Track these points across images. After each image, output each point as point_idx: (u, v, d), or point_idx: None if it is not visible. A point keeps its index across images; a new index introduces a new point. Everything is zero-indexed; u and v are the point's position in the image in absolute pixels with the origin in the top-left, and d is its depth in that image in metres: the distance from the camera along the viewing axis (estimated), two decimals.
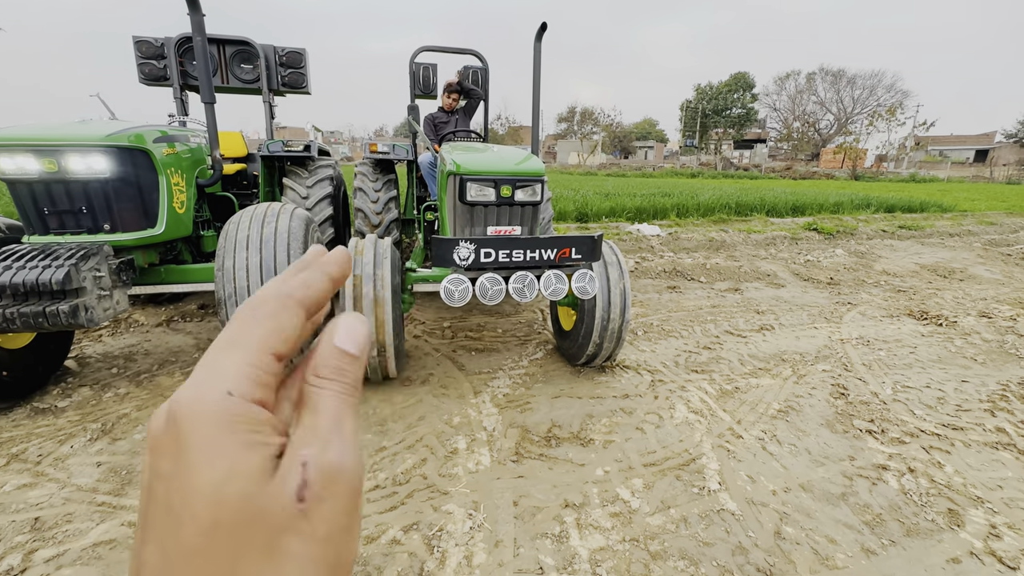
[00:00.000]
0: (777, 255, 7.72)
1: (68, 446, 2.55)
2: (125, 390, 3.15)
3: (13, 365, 2.80)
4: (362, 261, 2.87)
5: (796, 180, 34.04)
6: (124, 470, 2.37)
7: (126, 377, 3.34)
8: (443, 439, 2.65)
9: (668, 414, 2.99)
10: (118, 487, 2.24)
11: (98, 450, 2.53)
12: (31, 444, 2.56)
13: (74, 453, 2.49)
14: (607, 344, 3.30)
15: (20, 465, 2.40)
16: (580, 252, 2.62)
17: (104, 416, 2.84)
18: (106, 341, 3.99)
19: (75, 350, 3.78)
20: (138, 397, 3.07)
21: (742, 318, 4.95)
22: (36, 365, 2.98)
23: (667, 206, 10.02)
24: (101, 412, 2.89)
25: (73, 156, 2.39)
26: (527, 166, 2.92)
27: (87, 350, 3.80)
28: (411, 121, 4.00)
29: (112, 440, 2.61)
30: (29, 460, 2.43)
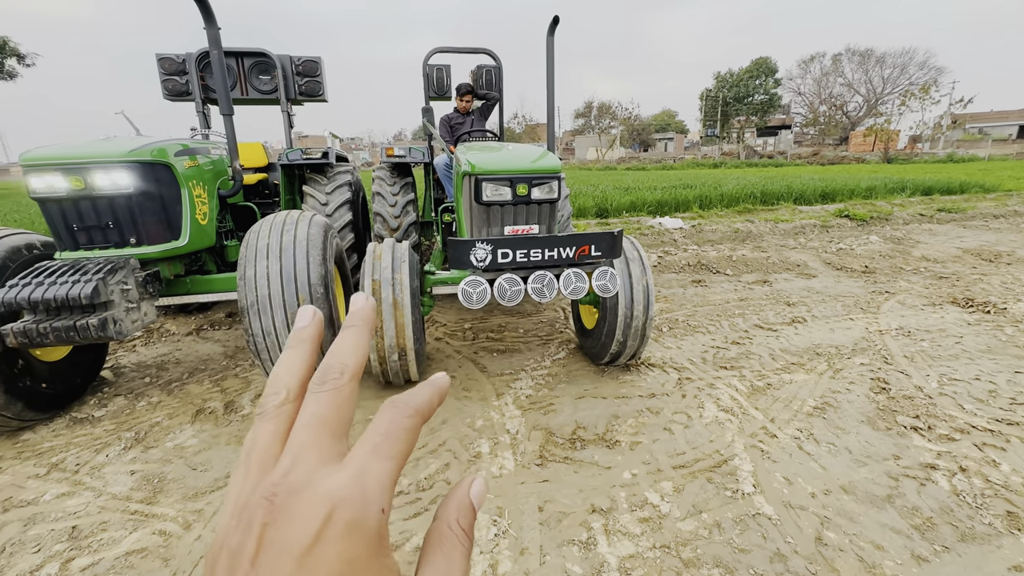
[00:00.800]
0: (807, 244, 7.45)
1: (104, 455, 2.62)
2: (157, 399, 3.23)
3: (52, 377, 2.90)
4: (380, 266, 2.87)
5: (824, 166, 32.89)
6: (156, 478, 2.42)
7: (158, 386, 3.42)
8: (466, 443, 2.62)
9: (697, 413, 2.89)
10: (150, 495, 2.29)
11: (132, 458, 2.59)
12: (69, 453, 2.64)
13: (109, 462, 2.56)
14: (631, 342, 3.22)
15: (59, 474, 2.47)
16: (600, 249, 2.55)
17: (137, 425, 2.92)
18: (139, 351, 4.11)
19: (111, 360, 3.91)
20: (169, 405, 3.14)
21: (772, 311, 4.78)
22: (74, 377, 3.08)
23: (689, 198, 9.79)
24: (135, 421, 2.97)
25: (98, 173, 2.45)
26: (543, 163, 2.86)
27: (122, 360, 3.93)
28: (426, 123, 3.99)
29: (145, 448, 2.67)
30: (68, 469, 2.51)
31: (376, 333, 2.81)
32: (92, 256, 2.57)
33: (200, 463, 2.52)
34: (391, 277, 2.83)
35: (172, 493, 2.29)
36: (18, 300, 2.15)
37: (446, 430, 2.75)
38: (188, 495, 2.27)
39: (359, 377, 0.31)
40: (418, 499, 2.20)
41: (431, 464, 2.45)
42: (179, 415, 3.01)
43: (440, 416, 2.90)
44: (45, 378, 2.85)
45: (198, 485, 2.34)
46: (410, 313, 2.81)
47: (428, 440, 2.65)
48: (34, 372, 2.78)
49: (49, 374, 2.88)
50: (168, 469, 2.48)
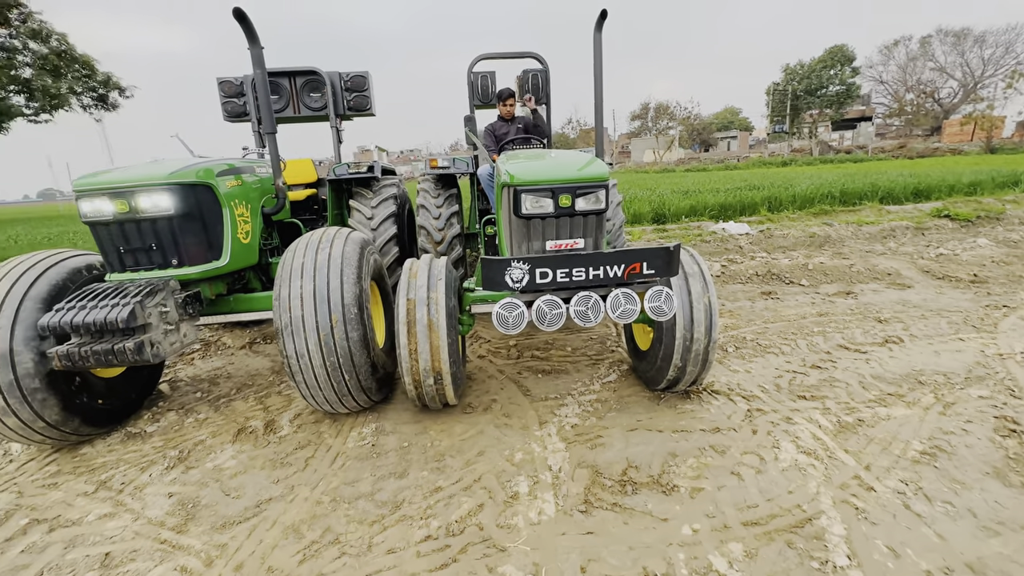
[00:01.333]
0: (899, 249, 6.59)
1: (148, 474, 2.64)
2: (204, 415, 3.27)
3: (108, 394, 2.99)
4: (416, 284, 2.72)
5: (912, 159, 29.83)
6: (191, 502, 2.38)
7: (207, 401, 3.48)
8: (503, 479, 2.39)
9: (771, 455, 2.49)
10: (182, 522, 2.24)
11: (172, 479, 2.59)
12: (118, 471, 2.69)
13: (151, 482, 2.57)
14: (691, 368, 2.86)
15: (105, 493, 2.51)
16: (653, 267, 2.24)
17: (183, 443, 2.94)
18: (197, 364, 4.25)
19: (169, 373, 4.06)
20: (214, 423, 3.16)
21: (859, 328, 4.18)
22: (129, 392, 3.17)
23: (756, 200, 9.05)
24: (181, 438, 3.00)
25: (141, 196, 2.49)
26: (589, 171, 2.59)
27: (180, 373, 4.07)
28: (468, 133, 3.84)
29: (186, 469, 2.67)
30: (113, 488, 2.54)
31: (411, 356, 2.66)
32: (137, 278, 2.62)
33: (234, 488, 2.47)
34: (426, 296, 2.67)
35: (203, 521, 2.24)
36: (61, 324, 2.20)
37: (483, 462, 2.53)
38: (216, 525, 2.20)
39: None
40: (447, 546, 1.99)
41: (464, 503, 2.24)
42: (222, 433, 3.01)
43: (477, 446, 2.69)
44: (102, 394, 2.94)
45: (228, 514, 2.27)
46: (445, 335, 2.63)
47: (463, 475, 2.44)
48: (91, 389, 2.87)
49: (106, 390, 2.98)
50: (204, 493, 2.45)
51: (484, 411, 3.08)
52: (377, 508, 2.24)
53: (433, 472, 2.49)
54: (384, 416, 3.07)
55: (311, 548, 2.02)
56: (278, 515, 2.23)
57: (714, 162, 40.65)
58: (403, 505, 2.25)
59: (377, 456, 2.65)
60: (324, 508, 2.25)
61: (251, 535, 2.11)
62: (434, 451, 2.67)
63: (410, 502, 2.27)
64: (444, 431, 2.86)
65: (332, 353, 2.60)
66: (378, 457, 2.64)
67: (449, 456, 2.62)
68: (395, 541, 2.03)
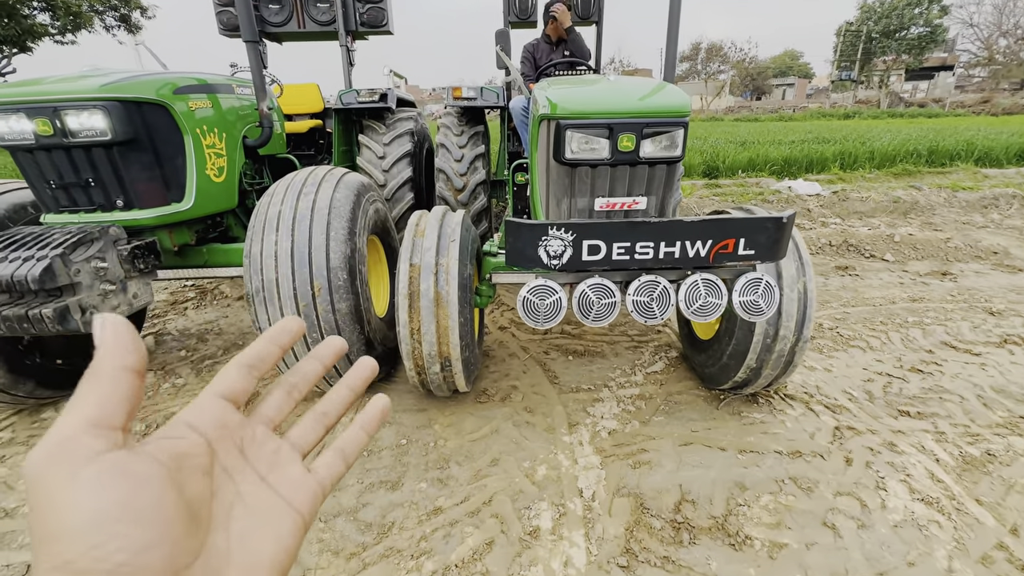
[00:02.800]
0: (1004, 222, 5.55)
1: None
2: (184, 380, 2.86)
3: (69, 352, 2.58)
4: (422, 246, 2.11)
5: (997, 116, 26.56)
6: None
7: (190, 362, 3.07)
8: (520, 505, 1.87)
9: (876, 499, 1.88)
10: None
11: None
12: None
13: None
14: (768, 371, 2.22)
15: None
16: (753, 245, 1.56)
17: (153, 414, 2.54)
18: (189, 315, 3.85)
19: (158, 324, 3.67)
20: (192, 391, 2.74)
21: (965, 321, 3.40)
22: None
23: (827, 155, 7.89)
24: (153, 408, 2.60)
25: (68, 115, 1.92)
26: (662, 101, 1.86)
27: (169, 325, 3.67)
28: (499, 52, 3.06)
29: None
30: None
31: (411, 336, 2.11)
32: (76, 221, 2.09)
33: None
34: (434, 262, 2.07)
35: None
36: None
37: (495, 477, 2.02)
38: None
39: None
40: None
41: (468, 536, 1.74)
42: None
43: (491, 450, 2.18)
44: (61, 353, 2.53)
45: None
46: (457, 313, 2.05)
47: (470, 492, 1.94)
48: (46, 348, 2.46)
49: (66, 348, 2.56)
50: None
51: (502, 401, 2.55)
52: (359, 533, 1.77)
53: (433, 485, 1.99)
54: None
55: None
56: None
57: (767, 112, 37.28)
58: (392, 531, 1.77)
59: (368, 454, 2.18)
60: None
61: None
62: (437, 454, 2.17)
63: (401, 527, 1.79)
64: (451, 426, 2.35)
65: (314, 328, 2.07)
66: (369, 456, 2.17)
67: (455, 462, 2.11)
68: None
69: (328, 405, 0.41)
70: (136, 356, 0.29)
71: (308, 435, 0.39)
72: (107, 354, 0.29)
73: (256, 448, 0.35)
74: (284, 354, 0.38)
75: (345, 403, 0.41)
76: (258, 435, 0.36)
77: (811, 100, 49.72)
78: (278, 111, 3.38)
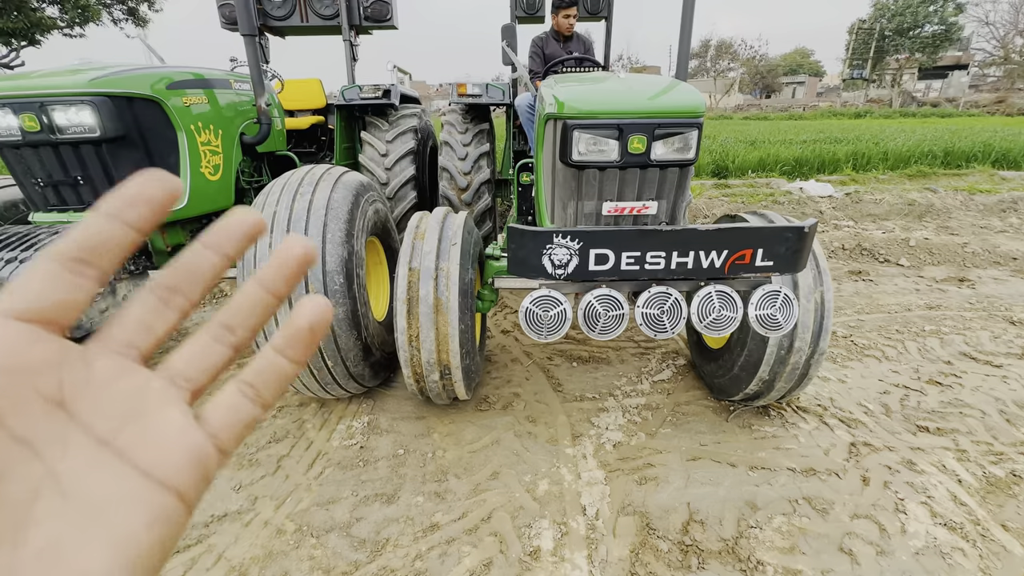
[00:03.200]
0: (1023, 227, 5.40)
1: None
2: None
3: None
4: (422, 250, 2.03)
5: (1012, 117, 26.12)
6: None
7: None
8: (521, 523, 1.80)
9: (896, 523, 1.79)
10: None
11: None
12: None
13: None
14: (781, 383, 2.13)
15: None
16: (772, 256, 1.46)
17: None
18: None
19: None
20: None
21: (985, 330, 3.28)
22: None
23: (839, 156, 7.74)
24: None
25: (56, 110, 1.85)
26: (675, 101, 1.76)
27: None
28: (505, 48, 2.97)
29: None
30: None
31: (410, 344, 2.03)
32: (65, 220, 2.03)
33: None
34: (434, 267, 1.99)
35: None
36: None
37: (495, 492, 1.94)
38: None
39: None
40: None
41: (466, 555, 1.66)
42: None
43: (491, 463, 2.10)
44: None
45: None
46: (457, 320, 1.97)
47: (468, 507, 1.86)
48: None
49: None
50: None
51: (503, 410, 2.47)
52: (352, 549, 1.70)
53: (431, 499, 1.92)
54: (381, 405, 2.51)
55: None
56: (226, 545, 1.72)
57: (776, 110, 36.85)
58: (386, 548, 1.70)
59: (364, 465, 2.10)
60: (285, 541, 1.73)
61: (186, 575, 1.61)
62: (435, 465, 2.09)
63: (396, 544, 1.72)
64: (450, 436, 2.27)
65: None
66: (365, 466, 2.09)
67: (453, 475, 2.04)
68: None
69: (234, 315, 0.26)
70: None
71: (201, 362, 0.25)
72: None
73: (95, 393, 0.22)
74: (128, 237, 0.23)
75: (264, 312, 0.26)
76: (100, 372, 0.22)
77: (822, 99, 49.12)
78: (279, 107, 3.31)
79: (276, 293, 0.26)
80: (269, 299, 0.26)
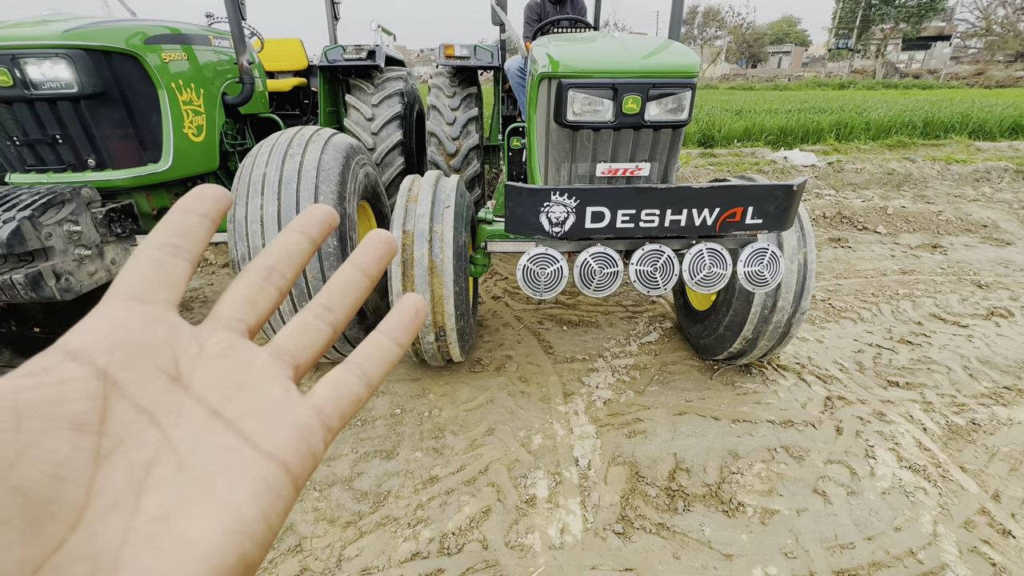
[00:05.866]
0: (995, 196, 5.58)
1: None
2: None
3: (47, 320, 2.49)
4: (415, 212, 2.03)
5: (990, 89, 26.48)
6: None
7: None
8: (517, 474, 1.88)
9: (865, 467, 1.92)
10: None
11: None
12: None
13: None
14: (764, 342, 2.22)
15: None
16: (761, 214, 1.51)
17: None
18: None
19: None
20: None
21: (955, 293, 3.44)
22: (77, 317, 2.67)
23: (823, 126, 7.81)
24: None
25: (29, 64, 1.76)
26: (669, 60, 1.77)
27: None
28: (495, 7, 2.90)
29: None
30: None
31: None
32: (44, 181, 1.96)
33: None
34: (428, 229, 2.00)
35: None
36: None
37: (491, 446, 2.01)
38: None
39: None
40: (440, 570, 1.52)
41: (465, 504, 1.74)
42: None
43: (486, 420, 2.17)
44: (38, 321, 2.43)
45: None
46: (452, 282, 2.00)
47: (465, 461, 1.94)
48: (21, 315, 2.36)
49: (43, 317, 2.46)
50: None
51: (496, 371, 2.53)
52: (355, 501, 1.76)
53: (429, 454, 1.98)
54: None
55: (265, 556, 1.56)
56: None
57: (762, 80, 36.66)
58: (388, 499, 1.77)
59: (362, 424, 2.15)
60: None
61: None
62: (432, 423, 2.15)
63: (397, 495, 1.79)
64: (446, 396, 2.33)
65: (304, 296, 2.01)
66: (363, 425, 2.15)
67: (450, 432, 2.10)
68: (372, 555, 1.56)
69: (331, 296, 0.27)
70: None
71: (302, 338, 0.26)
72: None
73: (207, 367, 0.23)
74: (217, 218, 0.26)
75: (358, 291, 0.28)
76: (212, 346, 0.23)
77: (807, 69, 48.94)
78: (259, 67, 3.19)
79: (369, 273, 0.28)
80: (363, 279, 0.28)
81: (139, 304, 0.22)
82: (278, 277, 0.26)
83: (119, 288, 0.23)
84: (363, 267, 0.28)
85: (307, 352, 0.26)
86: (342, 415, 0.25)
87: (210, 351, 0.23)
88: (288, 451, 0.22)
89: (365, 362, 0.26)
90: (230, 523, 0.19)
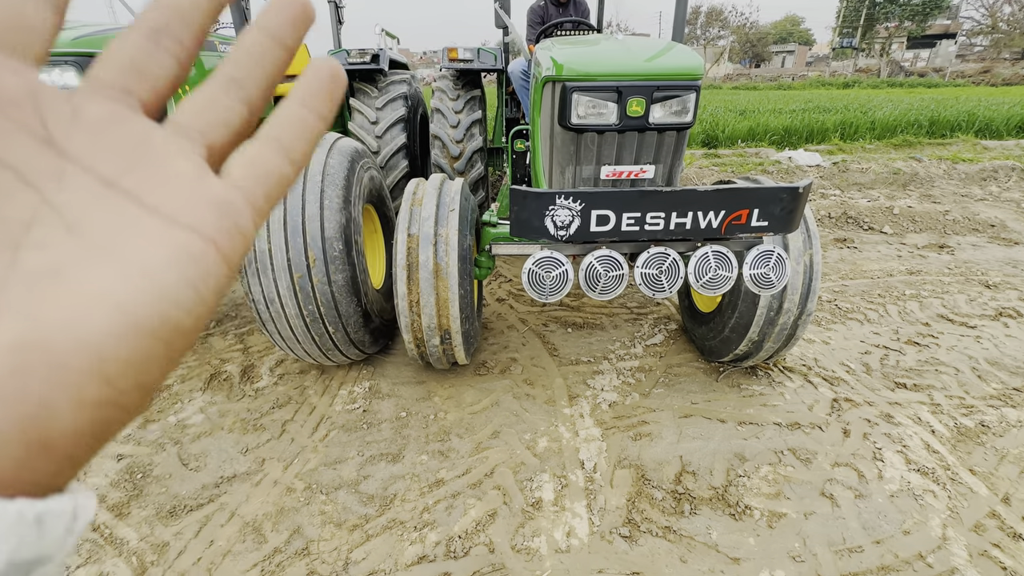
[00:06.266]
0: (1002, 195, 5.53)
1: None
2: None
3: None
4: (420, 215, 2.04)
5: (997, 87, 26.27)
6: (141, 472, 1.95)
7: None
8: (523, 477, 1.88)
9: (873, 469, 1.91)
10: (125, 500, 1.82)
11: (126, 435, 2.17)
12: None
13: None
14: (770, 344, 2.21)
15: None
16: (767, 216, 1.51)
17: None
18: None
19: None
20: (185, 363, 2.70)
21: (962, 294, 3.41)
22: None
23: (828, 125, 7.77)
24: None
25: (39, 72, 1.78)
26: (674, 62, 1.77)
27: None
28: (498, 10, 2.90)
29: (144, 422, 2.24)
30: None
31: (411, 309, 2.06)
32: None
33: (194, 455, 2.02)
34: (433, 232, 2.00)
35: (149, 501, 1.81)
36: None
37: (497, 449, 2.02)
38: (164, 510, 1.77)
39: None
40: (447, 574, 1.52)
41: (471, 508, 1.75)
42: (192, 378, 2.55)
43: (492, 423, 2.17)
44: None
45: (181, 493, 1.84)
46: (457, 285, 2.00)
47: (471, 464, 1.94)
48: None
49: None
50: (158, 460, 2.01)
51: (501, 374, 2.54)
52: (361, 505, 1.77)
53: (435, 457, 1.99)
54: (381, 371, 2.55)
55: (272, 559, 1.57)
56: (238, 503, 1.78)
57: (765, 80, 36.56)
58: (394, 503, 1.77)
59: (368, 427, 2.16)
60: (296, 498, 1.79)
61: (201, 532, 1.67)
62: (437, 426, 2.16)
63: (403, 499, 1.79)
64: (451, 399, 2.34)
65: (310, 300, 2.01)
66: (369, 428, 2.15)
67: (456, 435, 2.11)
68: (379, 558, 1.57)
69: (238, 67, 0.21)
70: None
71: (208, 113, 0.21)
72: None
73: (88, 136, 0.18)
74: None
75: (272, 62, 0.22)
76: (91, 114, 0.18)
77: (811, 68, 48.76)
78: None
79: (282, 40, 0.22)
80: (277, 49, 0.22)
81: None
82: (170, 42, 0.20)
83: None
84: (273, 31, 0.22)
85: (219, 130, 0.21)
86: (268, 195, 0.21)
87: (89, 117, 0.18)
88: (212, 227, 0.18)
89: (282, 135, 0.22)
90: (144, 283, 0.16)
